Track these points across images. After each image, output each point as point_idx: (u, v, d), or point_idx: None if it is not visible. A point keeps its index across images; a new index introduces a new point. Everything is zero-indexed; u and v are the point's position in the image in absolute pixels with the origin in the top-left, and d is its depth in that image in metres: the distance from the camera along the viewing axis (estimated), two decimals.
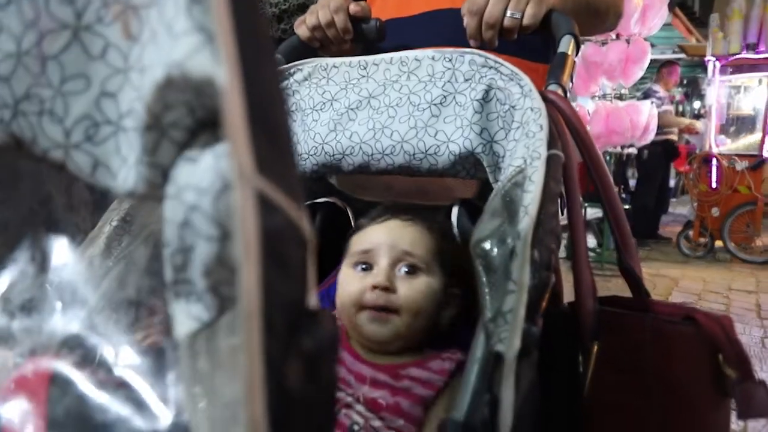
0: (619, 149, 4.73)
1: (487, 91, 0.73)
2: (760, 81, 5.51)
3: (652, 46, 5.45)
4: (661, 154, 5.63)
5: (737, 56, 5.25)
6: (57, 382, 0.36)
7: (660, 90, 5.54)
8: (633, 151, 4.91)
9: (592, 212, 5.47)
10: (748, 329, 3.31)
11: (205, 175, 0.26)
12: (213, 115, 0.27)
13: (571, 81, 0.79)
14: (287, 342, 0.24)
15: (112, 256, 0.47)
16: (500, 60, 0.73)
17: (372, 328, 0.70)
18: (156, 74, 0.26)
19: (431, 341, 0.75)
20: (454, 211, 0.80)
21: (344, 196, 0.99)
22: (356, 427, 0.63)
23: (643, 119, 4.44)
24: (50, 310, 0.40)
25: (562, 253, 0.73)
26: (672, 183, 7.57)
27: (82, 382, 0.36)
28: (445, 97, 0.76)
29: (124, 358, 0.36)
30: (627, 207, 5.27)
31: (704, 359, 0.60)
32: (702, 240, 5.38)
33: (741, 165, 5.12)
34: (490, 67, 0.73)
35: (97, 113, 0.32)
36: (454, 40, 0.93)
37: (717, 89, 5.62)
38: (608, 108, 4.52)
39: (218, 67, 0.24)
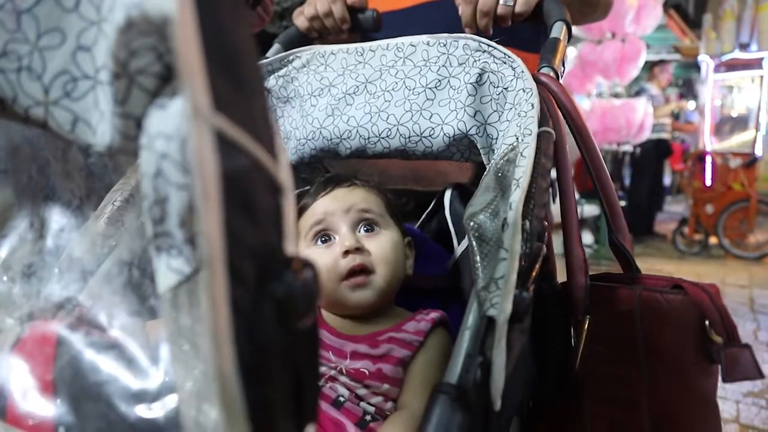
0: (615, 147, 4.74)
1: (480, 75, 0.73)
2: (752, 80, 5.54)
3: (648, 46, 5.48)
4: (653, 152, 5.66)
5: (730, 56, 5.29)
6: (61, 342, 0.36)
7: (653, 88, 5.57)
8: (629, 148, 4.92)
9: (589, 209, 5.49)
10: (741, 323, 3.32)
11: (173, 120, 0.25)
12: (166, 69, 0.26)
13: (563, 65, 0.79)
14: (257, 290, 0.23)
15: (114, 234, 0.46)
16: (493, 44, 0.72)
17: (356, 296, 0.70)
18: (117, 17, 0.25)
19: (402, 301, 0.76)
20: (447, 194, 0.80)
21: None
22: (342, 399, 0.63)
23: (638, 117, 4.46)
24: (48, 275, 0.39)
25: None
26: (668, 181, 7.61)
27: (79, 342, 0.35)
28: (439, 81, 0.76)
29: (116, 317, 0.35)
30: (623, 204, 5.29)
31: (692, 326, 0.60)
32: (697, 236, 5.40)
33: (734, 163, 5.15)
34: (484, 51, 0.73)
35: (74, 68, 0.31)
36: (448, 30, 0.93)
37: (711, 88, 5.65)
38: (604, 106, 4.54)
39: (172, 2, 0.23)
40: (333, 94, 0.83)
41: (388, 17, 1.06)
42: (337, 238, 0.73)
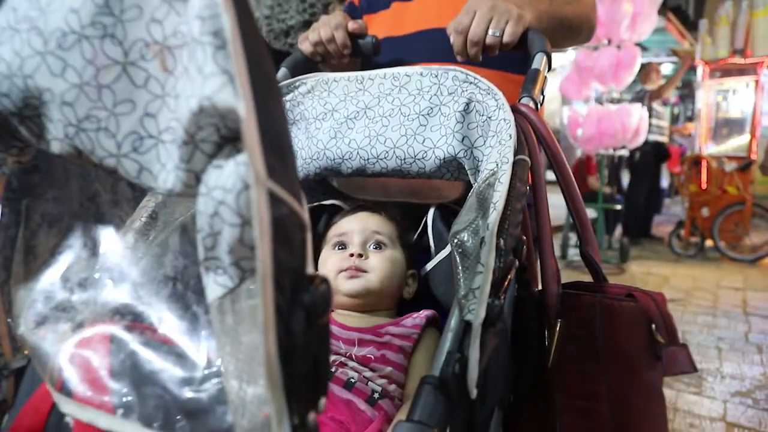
0: (611, 151, 4.82)
1: (467, 104, 0.81)
2: (747, 84, 5.62)
3: (645, 49, 5.58)
4: (651, 155, 5.74)
5: (725, 61, 5.38)
6: (115, 341, 0.45)
7: (649, 87, 5.69)
8: (625, 153, 5.00)
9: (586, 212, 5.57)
10: (733, 324, 3.40)
11: (229, 178, 0.35)
12: (234, 132, 0.36)
13: (542, 94, 0.87)
14: (291, 298, 0.33)
15: (144, 244, 0.55)
16: (479, 76, 0.81)
17: (348, 283, 0.86)
18: (191, 104, 0.35)
19: (401, 311, 0.91)
20: (430, 213, 0.90)
21: (345, 196, 1.08)
22: (353, 380, 0.73)
23: (633, 122, 4.54)
24: (102, 286, 0.48)
25: (557, 251, 0.82)
26: (666, 184, 7.69)
27: (134, 341, 0.45)
28: (431, 108, 0.85)
29: (166, 321, 0.45)
30: (619, 208, 5.37)
31: (641, 328, 0.69)
32: (693, 239, 5.49)
33: (730, 166, 5.24)
34: (470, 83, 0.82)
35: (142, 129, 0.40)
36: (442, 57, 1.02)
37: (706, 93, 5.74)
38: (600, 111, 4.62)
39: (238, 101, 0.32)
40: (336, 118, 0.92)
41: (387, 43, 1.16)
42: (349, 246, 0.89)
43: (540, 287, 0.74)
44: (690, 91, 11.18)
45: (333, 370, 0.74)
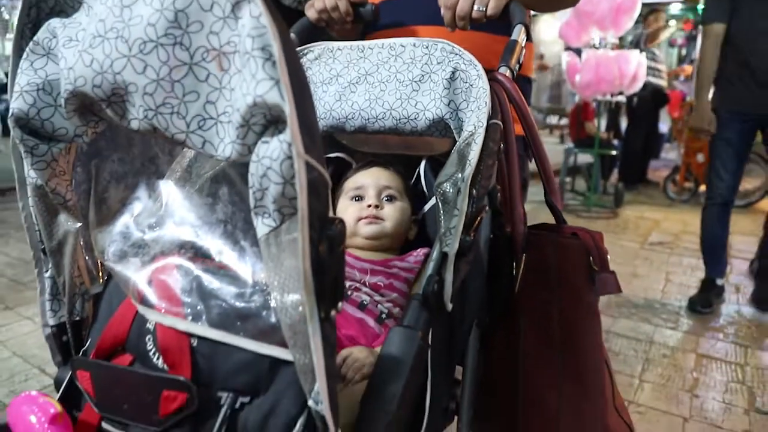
0: (608, 97, 4.89)
1: (453, 72, 0.95)
2: None
3: None
4: (649, 101, 5.79)
5: None
6: (182, 268, 0.62)
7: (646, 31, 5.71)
8: (622, 99, 5.07)
9: (583, 157, 5.70)
10: None
11: (275, 150, 0.50)
12: (276, 117, 0.50)
13: (519, 64, 1.00)
14: (319, 232, 0.49)
15: (197, 194, 0.71)
16: (463, 49, 0.94)
17: (367, 228, 1.02)
18: (248, 100, 0.49)
19: (403, 249, 1.07)
20: (422, 164, 1.05)
21: (349, 150, 1.23)
22: (365, 302, 0.90)
23: (631, 68, 4.59)
24: (168, 227, 0.64)
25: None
26: (666, 129, 7.75)
27: (197, 268, 0.61)
28: (423, 75, 0.98)
29: (221, 252, 0.61)
30: (614, 153, 5.49)
31: (582, 260, 0.86)
32: (687, 184, 5.62)
33: None
34: (456, 54, 0.95)
35: (204, 113, 0.55)
36: (437, 20, 1.14)
37: None
38: (598, 57, 4.66)
39: (283, 100, 0.47)
40: (340, 83, 1.05)
41: (386, 6, 1.27)
42: (366, 198, 1.05)
43: (510, 228, 0.90)
44: (698, 31, 11.02)
45: (349, 293, 0.91)
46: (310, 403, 0.53)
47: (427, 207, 1.07)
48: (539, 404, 0.86)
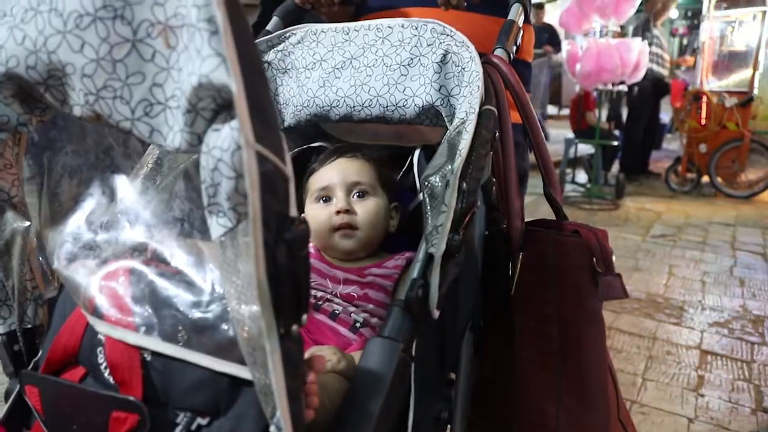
0: (609, 87, 4.81)
1: (444, 55, 0.87)
2: (754, 16, 5.51)
3: None
4: (649, 91, 5.70)
5: None
6: (135, 273, 0.55)
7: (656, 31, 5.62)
8: (623, 88, 4.98)
9: (583, 148, 5.62)
10: (719, 259, 3.53)
11: (225, 140, 0.43)
12: (228, 102, 0.43)
13: (516, 46, 0.93)
14: (276, 235, 0.42)
15: (153, 190, 0.64)
16: (454, 29, 0.87)
17: (343, 242, 0.92)
18: (192, 80, 0.42)
19: (385, 246, 0.97)
20: (416, 154, 0.97)
21: (336, 139, 1.16)
22: (337, 312, 0.83)
23: (632, 57, 4.50)
24: (121, 227, 0.58)
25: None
26: (667, 119, 7.65)
27: (150, 272, 0.54)
28: (412, 59, 0.91)
29: (177, 256, 0.54)
30: (616, 144, 5.41)
31: (584, 260, 0.79)
32: (689, 175, 5.54)
33: (730, 102, 5.22)
34: (447, 35, 0.87)
35: (151, 97, 0.48)
36: (429, 0, 1.06)
37: (710, 25, 5.64)
38: (600, 46, 4.57)
39: (230, 78, 0.40)
40: (324, 68, 0.98)
41: None
42: (334, 200, 0.94)
43: (506, 224, 0.83)
44: (700, 21, 10.91)
45: (320, 303, 0.84)
46: (272, 429, 0.47)
47: (417, 200, 0.99)
48: (537, 416, 0.79)
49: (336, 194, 0.95)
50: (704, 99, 5.30)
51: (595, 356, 0.82)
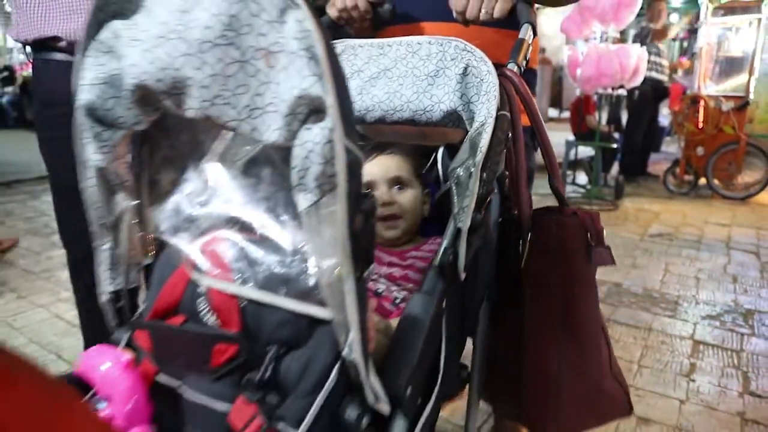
0: (609, 90, 4.96)
1: (466, 68, 1.03)
2: (750, 23, 5.67)
3: None
4: (649, 94, 5.85)
5: None
6: (230, 239, 0.71)
7: (653, 26, 5.77)
8: (622, 92, 5.14)
9: (584, 150, 5.77)
10: (714, 257, 3.68)
11: (317, 136, 0.58)
12: (318, 109, 0.59)
13: (526, 60, 1.08)
14: (355, 207, 0.57)
15: (235, 172, 0.80)
16: (474, 47, 1.02)
17: (388, 232, 1.08)
18: (294, 92, 0.58)
19: (421, 230, 1.13)
20: (440, 151, 1.13)
21: (367, 138, 1.31)
22: (380, 290, 0.98)
23: (632, 62, 4.66)
24: (216, 204, 0.73)
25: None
26: (666, 122, 7.81)
27: (243, 239, 0.70)
28: (437, 71, 1.06)
29: (264, 225, 0.70)
30: (615, 146, 5.56)
31: (580, 235, 0.94)
32: (687, 177, 5.69)
33: (727, 106, 5.38)
34: (468, 51, 1.03)
35: (253, 104, 0.64)
36: (446, 16, 1.22)
37: (708, 31, 5.80)
38: (600, 51, 4.73)
39: (325, 93, 0.56)
40: (361, 77, 1.14)
41: (402, 3, 1.35)
42: (377, 193, 1.10)
43: (517, 211, 0.99)
44: (698, 26, 11.04)
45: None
46: (344, 353, 0.62)
47: (443, 190, 1.15)
48: (541, 367, 0.95)
49: (379, 188, 1.10)
50: (702, 103, 5.46)
51: (590, 316, 0.98)
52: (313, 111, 0.60)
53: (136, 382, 0.69)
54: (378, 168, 1.13)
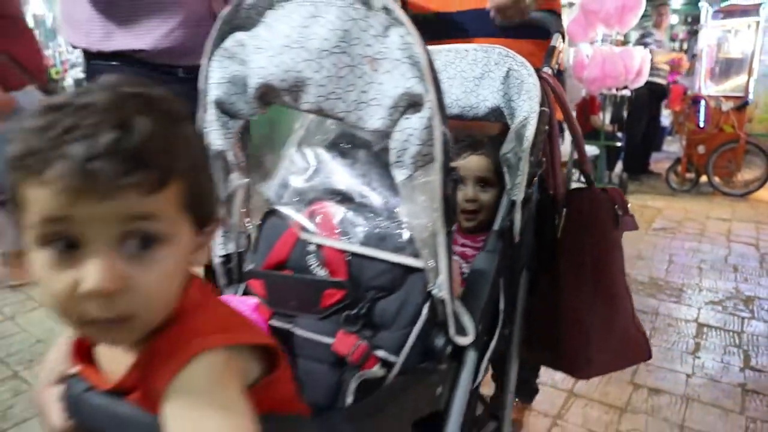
0: (614, 91, 5.13)
1: (508, 71, 1.19)
2: (749, 26, 5.85)
3: None
4: (647, 95, 6.01)
5: (728, 2, 5.60)
6: (333, 207, 0.89)
7: (657, 33, 5.94)
8: (627, 93, 5.31)
9: (589, 149, 5.95)
10: (715, 249, 3.85)
11: (416, 123, 0.76)
12: (416, 102, 0.76)
13: (558, 63, 1.26)
14: (446, 176, 0.75)
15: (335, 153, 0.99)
16: (515, 53, 1.19)
17: (466, 223, 1.22)
18: (398, 90, 0.76)
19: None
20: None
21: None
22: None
23: (636, 64, 4.83)
24: (319, 179, 0.91)
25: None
26: (667, 122, 7.99)
27: (346, 208, 0.88)
28: (483, 74, 1.23)
29: (364, 196, 0.88)
30: (619, 145, 5.74)
31: (609, 207, 1.12)
32: (689, 175, 5.86)
33: (726, 106, 5.56)
34: (510, 57, 1.19)
35: (359, 99, 0.81)
36: (491, 33, 1.39)
37: (708, 34, 5.98)
38: (604, 53, 4.90)
39: (426, 91, 0.73)
40: None
41: (442, 18, 1.52)
42: (465, 188, 1.21)
43: (553, 190, 1.16)
44: (699, 27, 11.20)
45: None
46: (434, 291, 0.80)
47: None
48: (576, 318, 1.12)
49: (467, 184, 1.20)
50: (702, 103, 5.64)
51: (617, 274, 1.15)
52: (412, 104, 0.77)
53: (262, 321, 0.87)
54: (468, 166, 1.22)
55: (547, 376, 2.15)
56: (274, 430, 0.57)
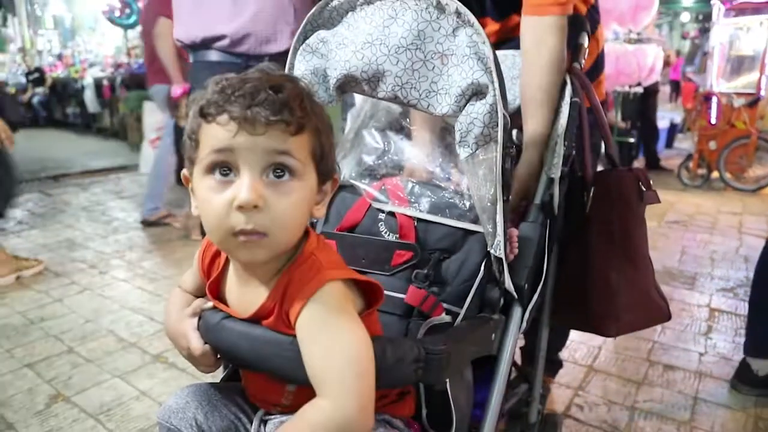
0: (626, 88, 5.26)
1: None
2: (761, 23, 5.94)
3: None
4: (642, 94, 6.11)
5: (740, 0, 5.70)
6: (403, 180, 1.04)
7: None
8: (639, 90, 5.44)
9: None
10: (727, 241, 3.98)
11: (480, 108, 0.91)
12: (480, 90, 0.91)
13: (584, 59, 1.40)
14: (504, 152, 0.90)
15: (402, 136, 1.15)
16: None
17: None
18: (467, 81, 0.91)
19: None
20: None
21: None
22: None
23: (648, 61, 4.96)
24: (389, 157, 1.07)
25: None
26: (678, 120, 8.10)
27: (412, 181, 1.04)
28: (515, 76, 1.38)
29: (429, 171, 1.03)
30: (632, 140, 5.86)
31: (634, 183, 1.27)
32: (700, 171, 5.97)
33: (738, 102, 5.66)
34: None
35: (430, 88, 0.96)
36: None
37: (720, 32, 6.08)
38: (618, 51, 5.03)
39: (490, 82, 0.88)
40: None
41: None
42: None
43: (582, 172, 1.31)
44: (710, 25, 11.27)
45: None
46: (492, 251, 0.95)
47: None
48: (604, 281, 1.27)
49: None
50: (714, 100, 5.74)
51: (641, 243, 1.30)
52: (476, 93, 0.92)
53: None
54: None
55: (567, 353, 2.30)
56: (383, 343, 0.72)
